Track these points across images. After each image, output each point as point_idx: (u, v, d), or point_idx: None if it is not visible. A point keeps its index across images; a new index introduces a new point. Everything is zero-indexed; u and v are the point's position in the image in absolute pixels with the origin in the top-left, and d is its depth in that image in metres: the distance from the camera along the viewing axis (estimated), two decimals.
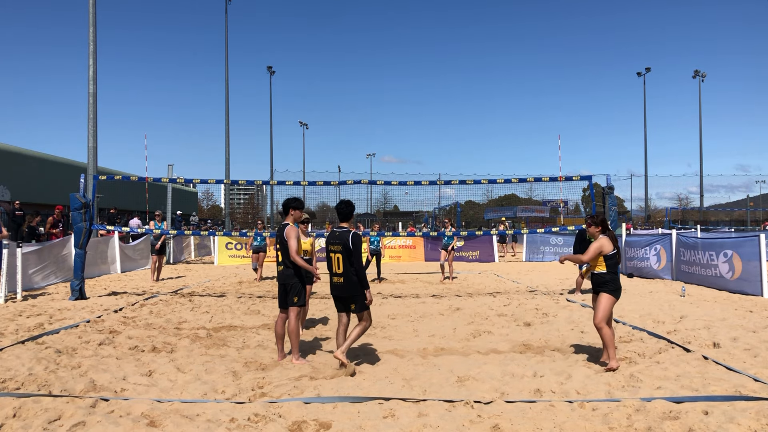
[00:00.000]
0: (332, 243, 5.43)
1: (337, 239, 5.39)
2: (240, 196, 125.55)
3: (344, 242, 5.34)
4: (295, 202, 5.94)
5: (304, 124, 56.91)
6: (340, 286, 5.43)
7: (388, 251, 21.42)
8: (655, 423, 3.95)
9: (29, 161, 29.14)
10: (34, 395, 4.52)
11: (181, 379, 5.17)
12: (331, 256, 5.45)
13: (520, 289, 12.33)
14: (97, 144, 17.40)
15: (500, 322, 8.23)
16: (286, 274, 5.78)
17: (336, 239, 5.40)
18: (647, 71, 46.01)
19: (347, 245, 5.32)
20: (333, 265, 5.45)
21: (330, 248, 5.46)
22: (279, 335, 5.95)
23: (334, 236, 5.44)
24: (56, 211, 17.00)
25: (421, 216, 40.77)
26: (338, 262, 5.39)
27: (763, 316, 8.30)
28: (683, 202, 57.29)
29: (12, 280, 10.35)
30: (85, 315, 8.62)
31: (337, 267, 5.41)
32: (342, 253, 5.35)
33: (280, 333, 5.94)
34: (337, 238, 5.40)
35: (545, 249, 21.92)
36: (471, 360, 5.85)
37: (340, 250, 5.36)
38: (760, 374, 5.12)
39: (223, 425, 3.93)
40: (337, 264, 5.41)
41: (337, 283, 5.44)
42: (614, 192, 11.00)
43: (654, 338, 6.80)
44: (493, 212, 46.29)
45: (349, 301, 5.44)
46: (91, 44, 16.90)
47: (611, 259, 5.53)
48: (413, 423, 3.99)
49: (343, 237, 5.36)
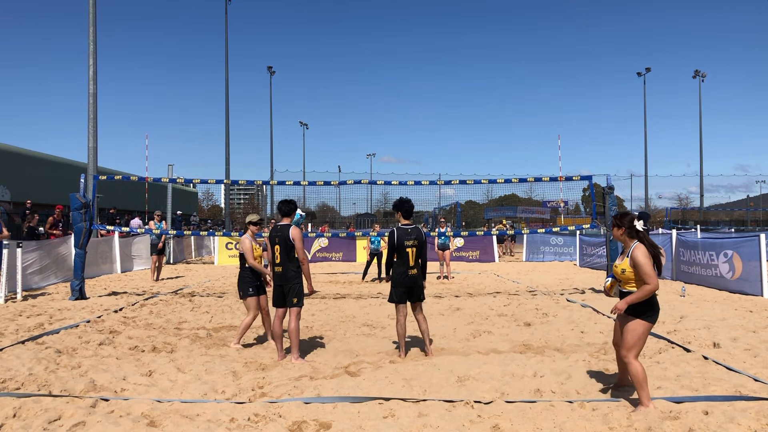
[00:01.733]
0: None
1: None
2: (240, 196, 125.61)
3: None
4: (288, 206, 6.15)
5: (304, 124, 56.95)
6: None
7: None
8: (655, 423, 3.94)
9: (29, 161, 29.13)
10: (34, 395, 4.52)
11: (181, 379, 5.17)
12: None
13: (520, 289, 12.33)
14: (97, 144, 17.42)
15: (500, 322, 8.24)
16: (287, 276, 5.86)
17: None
18: (647, 71, 46.04)
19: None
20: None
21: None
22: (277, 335, 5.99)
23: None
24: (56, 211, 16.99)
25: (421, 216, 40.76)
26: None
27: (763, 316, 8.31)
28: (683, 202, 57.35)
29: (12, 280, 10.36)
30: (85, 315, 8.62)
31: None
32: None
33: (278, 332, 5.99)
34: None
35: (545, 249, 21.92)
36: (471, 360, 5.85)
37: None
38: (760, 374, 5.12)
39: (223, 425, 3.93)
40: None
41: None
42: (614, 192, 11.00)
43: (654, 338, 6.80)
44: (493, 212, 46.29)
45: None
46: (92, 44, 16.90)
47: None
48: (413, 423, 3.99)
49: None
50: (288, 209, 6.08)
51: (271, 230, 6.01)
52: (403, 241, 5.94)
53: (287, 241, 5.82)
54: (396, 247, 5.97)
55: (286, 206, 6.09)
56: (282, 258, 5.85)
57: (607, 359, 5.82)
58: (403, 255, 5.96)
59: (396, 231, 6.00)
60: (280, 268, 5.89)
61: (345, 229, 29.83)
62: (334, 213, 48.88)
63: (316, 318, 8.66)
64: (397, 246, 5.96)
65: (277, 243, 5.89)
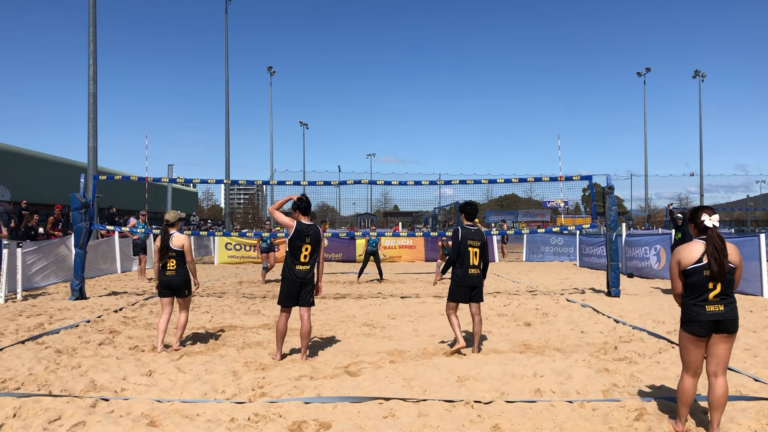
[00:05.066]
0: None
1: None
2: (240, 196, 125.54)
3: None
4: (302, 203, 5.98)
5: (304, 124, 56.90)
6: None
7: (389, 251, 21.44)
8: (655, 423, 3.95)
9: (29, 161, 29.16)
10: (34, 395, 4.52)
11: (181, 379, 5.16)
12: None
13: (520, 289, 12.32)
14: (97, 144, 17.40)
15: (500, 321, 8.24)
16: (310, 275, 5.84)
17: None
18: (647, 71, 46.03)
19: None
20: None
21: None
22: (282, 334, 5.89)
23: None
24: (56, 211, 16.98)
25: (421, 216, 40.75)
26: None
27: (763, 316, 8.31)
28: (683, 202, 57.30)
29: (12, 280, 10.35)
30: (85, 315, 8.62)
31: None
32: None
33: (282, 331, 5.87)
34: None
35: (545, 249, 21.92)
36: (471, 360, 5.85)
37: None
38: (760, 374, 5.12)
39: (223, 425, 3.93)
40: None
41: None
42: (614, 192, 11.00)
43: (654, 338, 6.81)
44: (494, 215, 46.31)
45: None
46: (91, 44, 16.89)
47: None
48: (413, 423, 3.99)
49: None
50: (307, 207, 5.91)
51: (299, 228, 5.77)
52: (466, 240, 6.06)
53: (319, 241, 5.80)
54: (459, 246, 6.06)
55: (305, 203, 5.91)
56: (310, 258, 5.78)
57: (607, 359, 5.83)
58: (465, 255, 6.05)
59: (460, 230, 6.10)
60: (308, 267, 5.80)
61: (345, 228, 29.83)
62: (334, 213, 48.92)
63: (316, 318, 8.65)
64: (460, 245, 6.05)
65: (309, 242, 5.77)
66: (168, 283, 6.32)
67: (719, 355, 3.75)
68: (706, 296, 3.71)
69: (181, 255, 6.34)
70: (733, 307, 3.73)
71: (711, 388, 3.76)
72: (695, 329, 3.75)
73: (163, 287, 6.35)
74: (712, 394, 3.75)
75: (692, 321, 3.77)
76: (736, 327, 3.74)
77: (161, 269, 6.36)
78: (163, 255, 6.32)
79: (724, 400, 3.70)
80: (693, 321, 3.76)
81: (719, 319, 3.70)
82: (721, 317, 3.70)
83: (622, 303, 9.90)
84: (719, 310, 3.70)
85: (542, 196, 46.43)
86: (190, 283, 6.44)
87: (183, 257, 6.36)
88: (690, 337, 3.79)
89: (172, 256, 6.31)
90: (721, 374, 3.75)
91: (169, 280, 6.31)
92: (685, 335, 3.81)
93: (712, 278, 3.67)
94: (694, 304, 3.75)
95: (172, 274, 6.30)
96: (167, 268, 6.31)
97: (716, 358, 3.76)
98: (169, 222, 6.43)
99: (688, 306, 3.79)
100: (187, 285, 6.41)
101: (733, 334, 3.75)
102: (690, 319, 3.77)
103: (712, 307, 3.70)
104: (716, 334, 3.74)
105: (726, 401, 3.72)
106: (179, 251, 6.34)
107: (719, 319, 3.70)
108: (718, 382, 3.73)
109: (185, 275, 6.37)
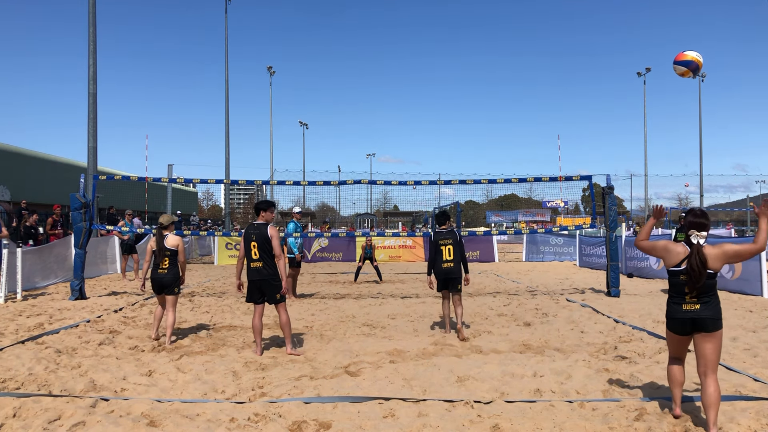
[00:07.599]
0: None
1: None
2: (240, 196, 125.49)
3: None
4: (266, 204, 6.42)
5: (304, 124, 56.85)
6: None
7: (389, 251, 21.44)
8: (655, 423, 3.95)
9: (29, 161, 29.15)
10: (34, 395, 4.52)
11: (181, 379, 5.17)
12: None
13: (519, 289, 12.32)
14: (97, 144, 17.39)
15: (500, 321, 8.24)
16: (271, 273, 6.14)
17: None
18: (647, 71, 45.99)
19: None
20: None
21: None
22: (258, 330, 6.23)
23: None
24: (55, 211, 16.96)
25: (420, 216, 40.76)
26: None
27: (763, 316, 8.31)
28: (683, 203, 57.29)
29: (12, 280, 10.35)
30: (85, 315, 8.62)
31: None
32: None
33: (258, 328, 6.22)
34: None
35: (545, 249, 21.91)
36: (471, 360, 5.85)
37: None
38: (760, 374, 5.12)
39: (223, 425, 3.93)
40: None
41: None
42: (614, 192, 11.00)
43: (654, 338, 6.81)
44: (495, 216, 46.30)
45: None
46: (91, 44, 16.89)
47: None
48: (413, 423, 3.99)
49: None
50: (264, 206, 6.32)
51: (247, 228, 6.27)
52: (438, 240, 7.27)
53: (265, 238, 6.10)
54: (432, 246, 7.34)
55: (264, 204, 6.35)
56: (261, 255, 6.10)
57: (607, 359, 5.83)
58: (439, 253, 7.24)
59: (432, 235, 7.42)
60: (260, 264, 6.11)
61: (345, 229, 29.79)
62: (334, 213, 48.88)
63: (316, 318, 8.66)
64: (432, 246, 7.33)
65: (254, 240, 6.11)
66: (160, 281, 6.81)
67: (706, 355, 3.83)
68: (684, 296, 3.89)
69: (174, 254, 6.89)
70: (710, 306, 3.82)
71: (703, 388, 3.81)
72: (671, 326, 4.00)
73: (156, 285, 6.82)
74: (704, 393, 3.80)
75: (670, 318, 4.00)
76: (715, 325, 3.80)
77: (154, 268, 6.89)
78: (158, 255, 6.85)
79: (717, 399, 3.75)
80: (670, 318, 4.00)
81: (694, 317, 3.83)
82: (696, 315, 3.82)
83: (622, 303, 9.90)
84: (695, 309, 3.83)
85: (542, 196, 46.38)
86: (179, 281, 6.92)
87: (176, 256, 6.90)
88: (669, 333, 4.06)
89: (167, 255, 6.86)
90: (710, 374, 3.81)
91: (161, 278, 6.81)
92: (667, 330, 4.09)
93: (688, 284, 3.83)
94: (673, 302, 3.95)
95: (164, 272, 6.82)
96: (160, 266, 6.84)
97: (704, 358, 3.84)
98: (163, 225, 6.99)
99: (668, 303, 4.02)
100: (177, 283, 6.90)
101: (714, 333, 3.81)
102: (668, 316, 4.01)
103: (688, 306, 3.86)
104: (697, 333, 3.86)
105: (719, 400, 3.76)
106: (173, 250, 6.90)
107: (694, 317, 3.83)
108: (708, 382, 3.79)
109: (176, 273, 6.89)
